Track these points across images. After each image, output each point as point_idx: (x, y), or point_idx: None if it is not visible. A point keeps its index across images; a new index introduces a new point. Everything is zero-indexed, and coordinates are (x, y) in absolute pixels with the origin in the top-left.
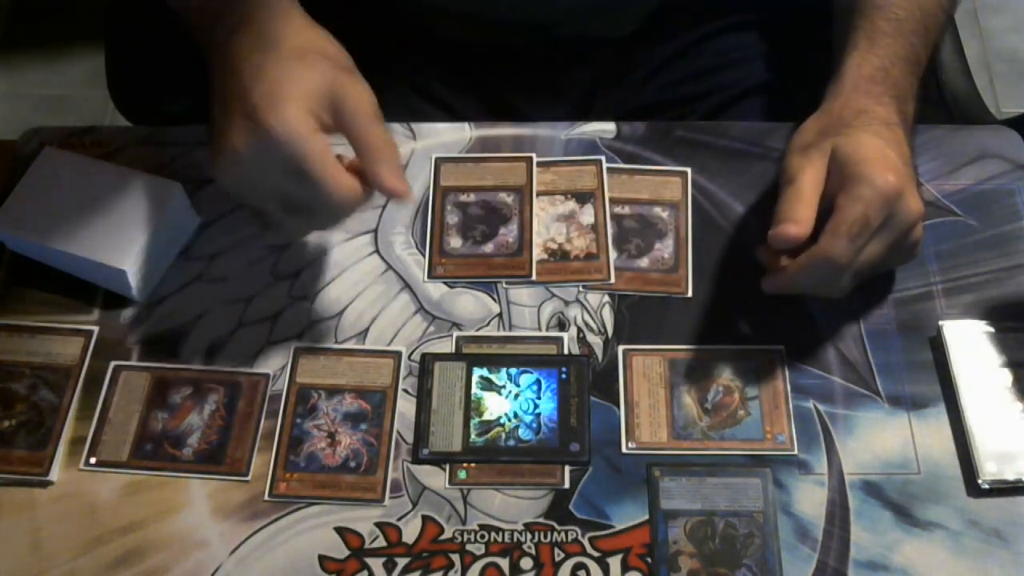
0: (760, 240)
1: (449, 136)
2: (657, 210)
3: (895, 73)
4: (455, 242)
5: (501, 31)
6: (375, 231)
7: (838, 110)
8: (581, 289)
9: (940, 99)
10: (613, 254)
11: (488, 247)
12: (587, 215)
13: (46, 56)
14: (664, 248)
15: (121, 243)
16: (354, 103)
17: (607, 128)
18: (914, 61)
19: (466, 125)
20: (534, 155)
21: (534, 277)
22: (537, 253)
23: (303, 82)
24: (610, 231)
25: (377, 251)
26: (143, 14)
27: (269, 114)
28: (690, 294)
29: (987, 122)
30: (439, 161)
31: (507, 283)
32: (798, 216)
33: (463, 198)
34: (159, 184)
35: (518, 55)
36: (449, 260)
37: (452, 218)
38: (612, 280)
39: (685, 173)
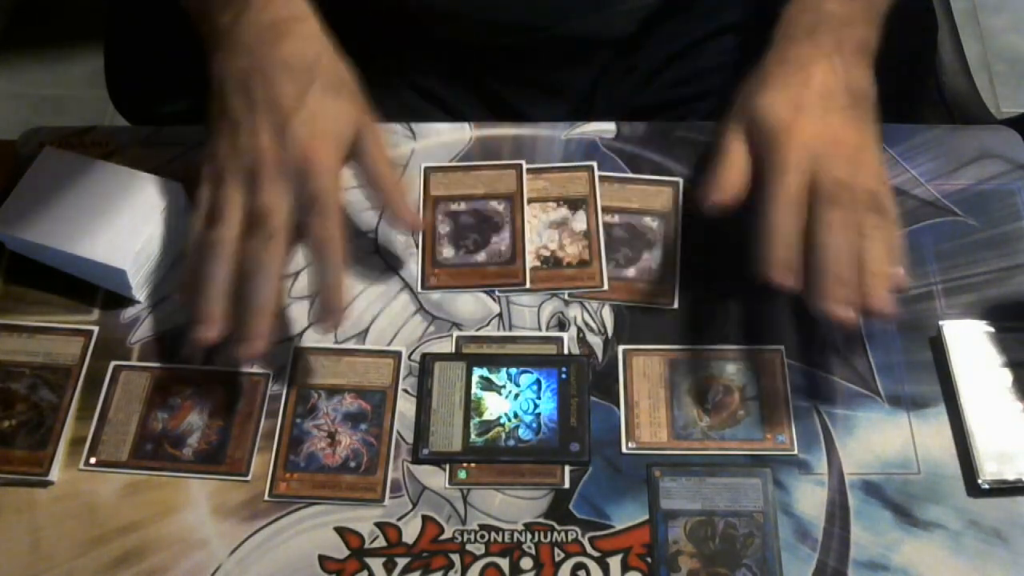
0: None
1: (449, 136)
2: (647, 220)
3: (829, 5)
4: (447, 252)
5: (501, 31)
6: (375, 231)
7: (766, 63)
8: (574, 294)
9: (940, 99)
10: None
11: (480, 256)
12: (579, 221)
13: (46, 56)
14: (652, 259)
15: (121, 243)
16: (374, 147)
17: (607, 128)
18: None
19: (466, 125)
20: (523, 163)
21: (528, 285)
22: (530, 260)
23: (339, 120)
24: (602, 237)
25: (377, 251)
26: (143, 14)
27: (309, 147)
28: (675, 305)
29: (987, 122)
30: (428, 171)
31: (499, 292)
32: (722, 183)
33: (454, 207)
34: (159, 184)
35: (518, 55)
36: (442, 270)
37: (443, 228)
38: (606, 287)
39: (676, 183)
